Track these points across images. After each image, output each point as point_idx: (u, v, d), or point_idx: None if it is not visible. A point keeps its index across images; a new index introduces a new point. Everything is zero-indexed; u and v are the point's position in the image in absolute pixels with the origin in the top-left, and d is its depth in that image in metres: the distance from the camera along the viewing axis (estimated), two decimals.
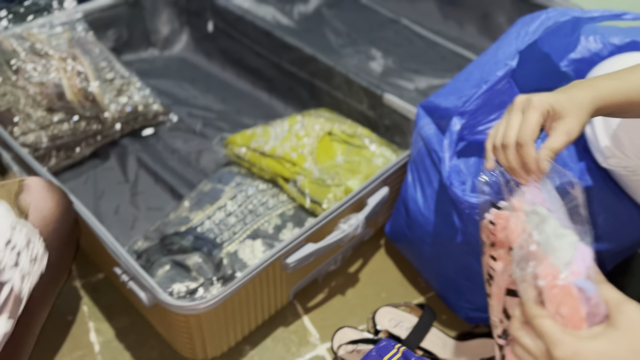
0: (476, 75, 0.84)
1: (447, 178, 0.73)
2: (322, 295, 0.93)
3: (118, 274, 0.77)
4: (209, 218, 0.93)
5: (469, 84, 0.83)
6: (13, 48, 1.02)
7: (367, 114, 1.12)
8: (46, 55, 1.03)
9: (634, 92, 0.55)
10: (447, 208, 0.80)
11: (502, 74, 0.74)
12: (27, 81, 1.01)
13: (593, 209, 0.75)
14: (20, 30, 1.07)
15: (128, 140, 1.15)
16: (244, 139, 1.04)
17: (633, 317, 0.41)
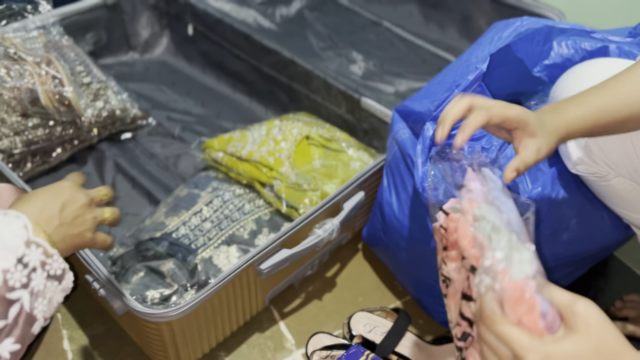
0: (449, 79, 0.84)
1: (419, 183, 0.73)
2: (299, 301, 0.92)
3: (89, 282, 0.76)
4: (185, 224, 0.93)
5: (442, 87, 0.83)
6: None
7: (345, 118, 1.12)
8: (20, 60, 1.02)
9: (600, 117, 0.56)
10: (421, 212, 0.80)
11: (473, 78, 0.74)
12: (0, 86, 1.00)
13: (565, 213, 0.75)
14: None
15: (106, 145, 1.14)
16: (222, 143, 1.04)
17: (586, 317, 0.41)
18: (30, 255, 0.48)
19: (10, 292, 0.46)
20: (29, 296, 0.48)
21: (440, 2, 1.47)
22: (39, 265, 0.49)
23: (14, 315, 0.47)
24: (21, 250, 0.48)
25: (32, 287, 0.48)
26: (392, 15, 1.56)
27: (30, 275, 0.48)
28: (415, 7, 1.53)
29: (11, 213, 0.50)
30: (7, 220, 0.49)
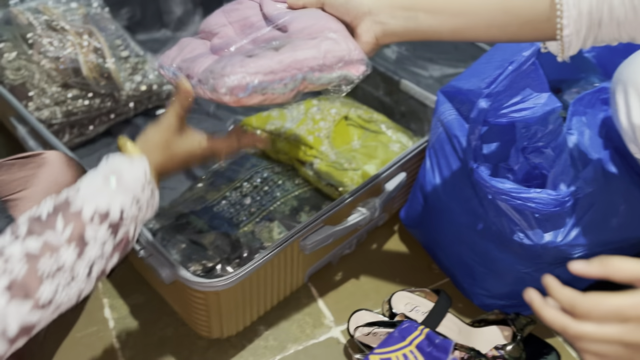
0: (498, 57, 0.83)
1: (471, 162, 0.73)
2: (336, 279, 0.93)
3: (136, 250, 0.76)
4: (225, 198, 0.93)
5: (491, 66, 0.82)
6: (29, 22, 1.01)
7: (382, 100, 1.12)
8: (62, 30, 1.02)
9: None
10: (467, 194, 0.80)
11: (529, 54, 0.73)
12: (42, 56, 1.00)
13: (614, 199, 0.75)
14: (35, 4, 1.06)
15: (141, 120, 1.14)
16: (260, 121, 1.04)
17: None
18: (143, 197, 0.55)
19: (122, 225, 0.53)
20: (134, 229, 0.55)
21: None
22: (145, 204, 0.56)
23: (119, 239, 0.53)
24: (138, 193, 0.54)
25: (138, 220, 0.55)
26: None
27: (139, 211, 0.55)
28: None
29: (137, 160, 0.56)
30: (132, 166, 0.55)
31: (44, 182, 0.70)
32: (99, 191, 0.52)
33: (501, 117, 0.77)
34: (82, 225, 0.50)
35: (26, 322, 0.47)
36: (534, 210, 0.68)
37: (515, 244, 0.75)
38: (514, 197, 0.68)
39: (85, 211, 0.51)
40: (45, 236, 0.49)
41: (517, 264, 0.78)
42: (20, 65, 1.03)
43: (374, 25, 0.60)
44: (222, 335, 0.82)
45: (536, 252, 0.75)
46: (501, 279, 0.82)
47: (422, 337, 0.64)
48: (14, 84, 1.02)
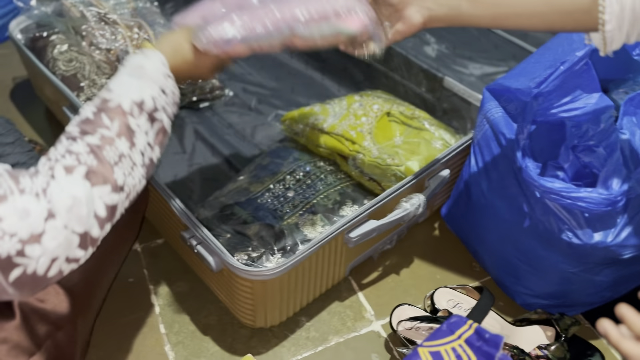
0: (548, 57, 0.83)
1: (520, 161, 0.73)
2: (377, 274, 0.93)
3: (186, 239, 0.78)
4: (269, 191, 0.94)
5: (541, 65, 0.82)
6: (82, 14, 1.04)
7: (424, 97, 1.12)
8: (113, 23, 1.04)
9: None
10: (514, 192, 0.79)
11: (582, 54, 0.73)
12: (94, 47, 1.03)
13: None
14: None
15: (185, 112, 1.16)
16: (302, 115, 1.05)
17: None
18: (168, 86, 0.60)
19: (156, 112, 0.59)
20: (167, 118, 0.61)
21: None
22: (171, 93, 0.61)
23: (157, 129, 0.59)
24: (162, 81, 0.60)
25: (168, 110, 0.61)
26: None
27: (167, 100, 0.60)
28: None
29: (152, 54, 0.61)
30: (150, 59, 0.60)
31: None
32: (129, 86, 0.58)
33: (551, 116, 0.77)
34: (125, 118, 0.56)
35: (110, 203, 0.54)
36: (585, 209, 0.68)
37: (563, 243, 0.74)
38: (564, 197, 0.68)
39: (124, 105, 0.56)
40: (99, 132, 0.55)
41: (563, 263, 0.77)
42: (72, 57, 1.06)
43: (421, 10, 0.63)
44: (266, 325, 0.83)
45: (584, 252, 0.74)
46: (546, 278, 0.81)
47: (471, 332, 0.64)
48: (65, 75, 1.05)
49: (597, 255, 0.74)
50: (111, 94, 0.57)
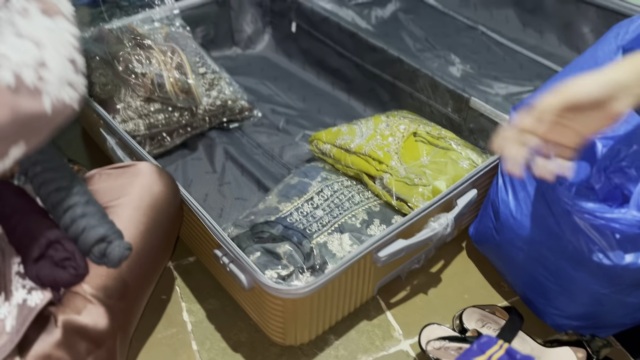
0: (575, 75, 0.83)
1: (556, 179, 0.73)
2: (405, 293, 0.94)
3: (218, 257, 0.80)
4: (297, 210, 0.96)
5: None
6: (119, 40, 1.08)
7: (450, 117, 1.13)
8: (148, 48, 1.08)
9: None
10: (542, 212, 0.80)
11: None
12: (130, 72, 1.07)
13: None
14: (123, 24, 1.13)
15: (215, 133, 1.19)
16: (330, 135, 1.07)
17: None
18: None
19: None
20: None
21: (539, 8, 1.46)
22: None
23: None
24: None
25: None
26: (488, 20, 1.56)
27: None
28: (513, 12, 1.52)
29: None
30: None
31: (139, 190, 0.75)
32: None
33: None
34: None
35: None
36: (618, 231, 0.68)
37: (593, 264, 0.74)
38: (597, 217, 0.68)
39: None
40: None
41: (594, 284, 0.77)
42: (107, 81, 1.10)
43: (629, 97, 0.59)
44: (295, 343, 0.84)
45: (615, 273, 0.74)
46: (576, 298, 0.81)
47: (502, 352, 0.64)
48: (102, 98, 1.09)
49: (628, 276, 0.73)
50: None
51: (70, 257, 0.62)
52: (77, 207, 0.63)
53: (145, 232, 0.73)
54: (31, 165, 0.66)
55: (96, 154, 1.19)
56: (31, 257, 0.60)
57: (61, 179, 0.66)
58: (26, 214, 0.63)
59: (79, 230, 0.62)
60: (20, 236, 0.62)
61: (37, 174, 0.66)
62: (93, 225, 0.62)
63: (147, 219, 0.74)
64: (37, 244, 0.60)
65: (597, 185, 0.73)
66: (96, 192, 0.73)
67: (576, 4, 1.38)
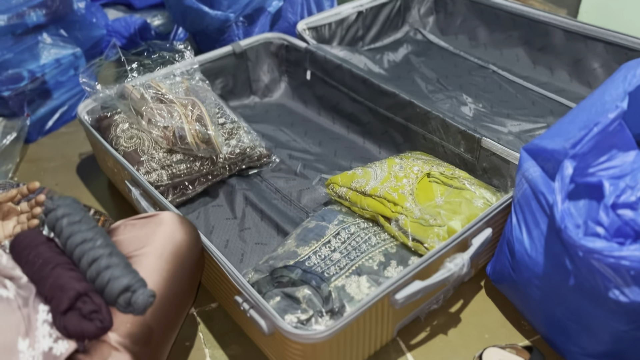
0: (582, 117, 0.85)
1: (560, 221, 0.74)
2: (425, 334, 0.94)
3: (239, 303, 0.82)
4: (315, 253, 0.98)
5: (575, 126, 0.84)
6: (142, 96, 1.14)
7: (463, 157, 1.15)
8: (170, 102, 1.14)
9: None
10: (557, 250, 0.80)
11: (614, 116, 0.75)
12: (153, 125, 1.12)
13: None
14: (146, 80, 1.20)
15: (235, 180, 1.23)
16: (345, 179, 1.10)
17: None
18: None
19: None
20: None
21: (548, 46, 1.49)
22: None
23: None
24: None
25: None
26: (499, 59, 1.60)
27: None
28: (523, 50, 1.56)
29: None
30: None
31: (162, 239, 0.78)
32: None
33: (588, 177, 0.79)
34: None
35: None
36: (629, 267, 0.68)
37: (611, 301, 0.74)
38: (606, 256, 0.68)
39: None
40: None
41: (614, 322, 0.77)
42: (132, 134, 1.16)
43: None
44: None
45: (633, 310, 0.73)
46: (597, 337, 0.80)
47: None
48: (127, 151, 1.14)
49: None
50: None
51: (97, 309, 0.65)
52: (101, 260, 0.66)
53: (168, 279, 0.76)
54: (56, 220, 0.70)
55: (123, 204, 1.23)
56: (60, 308, 0.64)
57: (85, 232, 0.70)
58: (56, 267, 0.67)
59: (104, 282, 0.65)
60: (50, 287, 0.66)
61: (62, 228, 0.70)
62: (117, 276, 0.65)
63: (170, 266, 0.77)
64: (66, 296, 0.64)
65: (606, 223, 0.73)
66: (121, 242, 0.77)
67: (584, 41, 1.41)
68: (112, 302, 0.66)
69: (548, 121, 1.33)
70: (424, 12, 1.75)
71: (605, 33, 1.35)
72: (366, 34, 1.66)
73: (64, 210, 0.70)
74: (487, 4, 1.59)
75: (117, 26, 1.72)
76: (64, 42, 1.45)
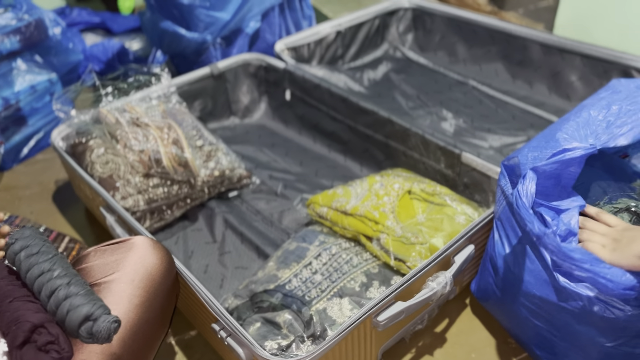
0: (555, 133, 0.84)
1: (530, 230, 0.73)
2: (410, 356, 0.92)
3: (216, 330, 0.80)
4: (296, 276, 0.96)
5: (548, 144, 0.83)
6: (116, 120, 1.12)
7: (444, 173, 1.14)
8: (145, 126, 1.12)
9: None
10: (539, 266, 0.79)
11: (578, 156, 0.74)
12: (128, 149, 1.10)
13: None
14: (121, 104, 1.18)
15: (215, 203, 1.21)
16: (326, 199, 1.08)
17: None
18: None
19: None
20: None
21: (526, 60, 1.50)
22: None
23: None
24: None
25: None
26: (478, 74, 1.60)
27: None
28: (502, 65, 1.56)
29: None
30: None
31: (133, 264, 0.76)
32: None
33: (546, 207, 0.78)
34: None
35: None
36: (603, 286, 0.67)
37: (596, 317, 0.73)
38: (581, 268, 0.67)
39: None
40: None
41: (600, 337, 0.75)
42: (107, 159, 1.13)
43: None
44: None
45: (619, 325, 0.72)
46: (585, 353, 0.78)
47: None
48: (102, 177, 1.12)
49: (634, 327, 0.71)
50: None
51: (54, 340, 0.62)
52: (59, 290, 0.63)
53: (139, 306, 0.73)
54: (15, 254, 0.68)
55: (100, 231, 1.20)
56: (15, 343, 0.61)
57: (43, 263, 0.67)
58: (14, 300, 0.64)
59: (64, 313, 0.62)
60: (7, 322, 0.63)
61: (21, 261, 0.67)
62: (76, 305, 0.62)
63: (142, 292, 0.74)
64: (21, 330, 0.61)
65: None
66: (91, 269, 0.74)
67: (561, 54, 1.42)
68: (75, 334, 0.63)
69: (529, 134, 1.32)
70: (402, 30, 1.76)
71: (581, 46, 1.36)
72: (346, 53, 1.66)
73: (22, 244, 0.68)
74: (465, 21, 1.60)
75: (95, 51, 1.70)
76: (39, 68, 1.43)
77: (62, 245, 1.09)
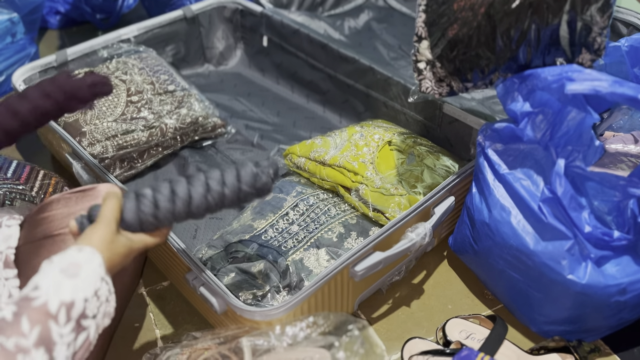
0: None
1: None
2: (387, 307, 0.91)
3: (189, 281, 0.77)
4: (272, 226, 0.93)
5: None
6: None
7: (425, 124, 1.11)
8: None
9: None
10: (517, 213, 0.77)
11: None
12: None
13: None
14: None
15: (188, 152, 1.17)
16: (304, 149, 1.05)
17: None
18: (102, 290, 0.55)
19: (85, 319, 0.52)
20: (95, 326, 0.54)
21: None
22: (105, 299, 0.55)
23: (82, 341, 0.52)
24: (97, 284, 0.54)
25: (98, 319, 0.54)
26: None
27: (99, 307, 0.54)
28: None
29: (87, 250, 0.55)
30: (87, 257, 0.55)
31: None
32: (60, 284, 0.51)
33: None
34: (48, 324, 0.49)
35: None
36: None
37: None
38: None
39: (51, 305, 0.50)
40: (14, 339, 0.47)
41: (574, 287, 0.75)
42: None
43: None
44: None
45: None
46: (560, 303, 0.79)
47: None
48: (67, 121, 1.06)
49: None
50: (37, 292, 0.50)
51: None
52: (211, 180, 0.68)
53: None
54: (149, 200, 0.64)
55: (68, 180, 1.15)
56: None
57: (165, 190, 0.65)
58: None
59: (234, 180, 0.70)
60: None
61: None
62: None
63: None
64: None
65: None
66: (54, 218, 0.70)
67: None
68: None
69: None
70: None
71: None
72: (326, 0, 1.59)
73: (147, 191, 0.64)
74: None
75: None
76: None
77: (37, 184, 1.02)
